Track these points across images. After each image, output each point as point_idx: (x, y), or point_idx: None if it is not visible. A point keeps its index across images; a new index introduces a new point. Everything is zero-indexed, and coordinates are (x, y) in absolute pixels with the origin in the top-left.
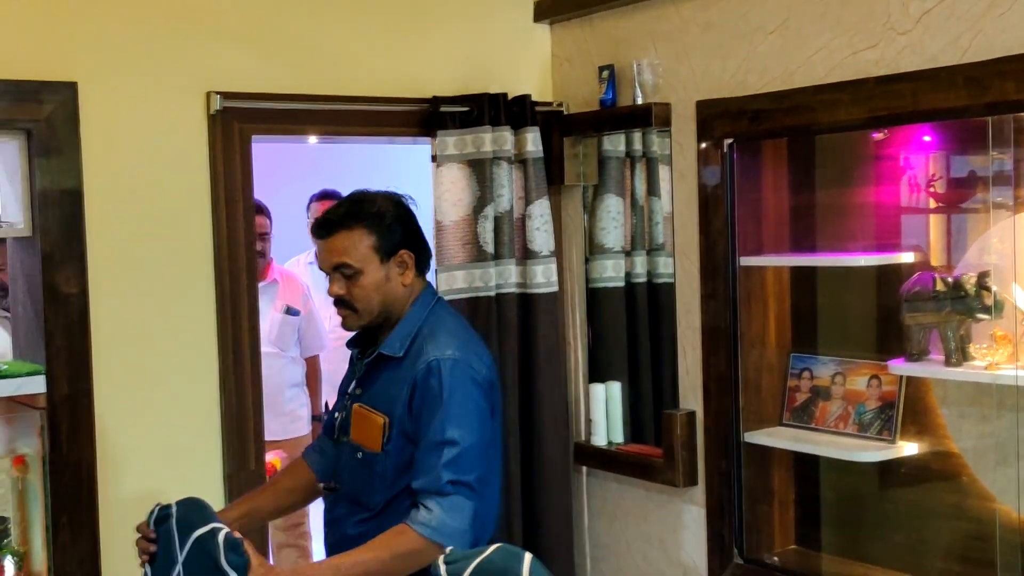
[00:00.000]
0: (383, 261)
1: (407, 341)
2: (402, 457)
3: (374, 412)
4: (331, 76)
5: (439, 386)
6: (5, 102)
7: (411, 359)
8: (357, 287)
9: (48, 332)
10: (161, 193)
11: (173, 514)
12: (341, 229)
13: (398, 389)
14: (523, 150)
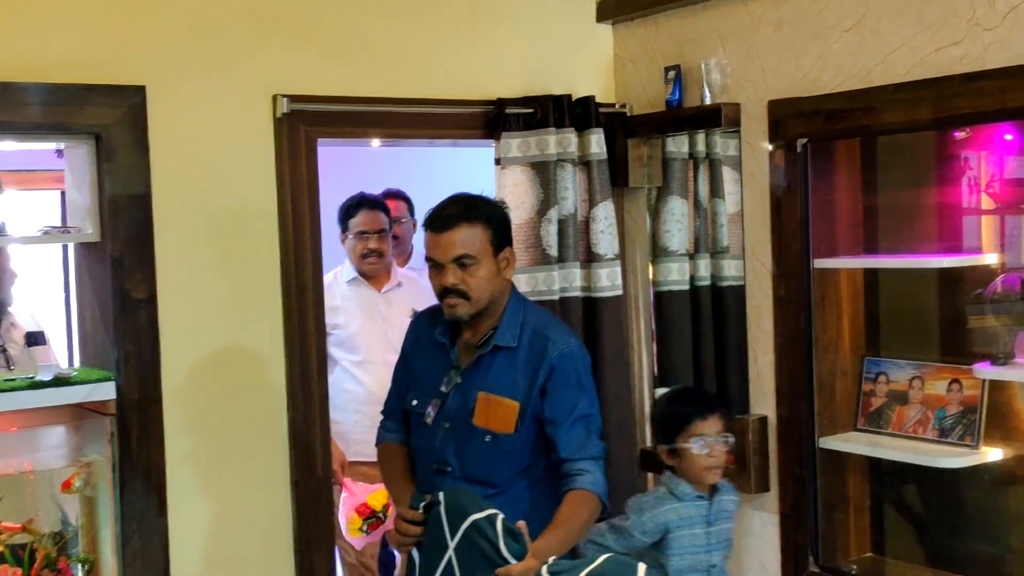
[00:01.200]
0: (495, 255)
1: (516, 332)
2: (529, 437)
3: (505, 398)
4: (395, 78)
5: (575, 369)
6: (75, 106)
7: (529, 347)
8: (474, 277)
9: (118, 338)
10: (228, 197)
11: (441, 501)
12: (463, 223)
13: (519, 375)
14: (587, 152)
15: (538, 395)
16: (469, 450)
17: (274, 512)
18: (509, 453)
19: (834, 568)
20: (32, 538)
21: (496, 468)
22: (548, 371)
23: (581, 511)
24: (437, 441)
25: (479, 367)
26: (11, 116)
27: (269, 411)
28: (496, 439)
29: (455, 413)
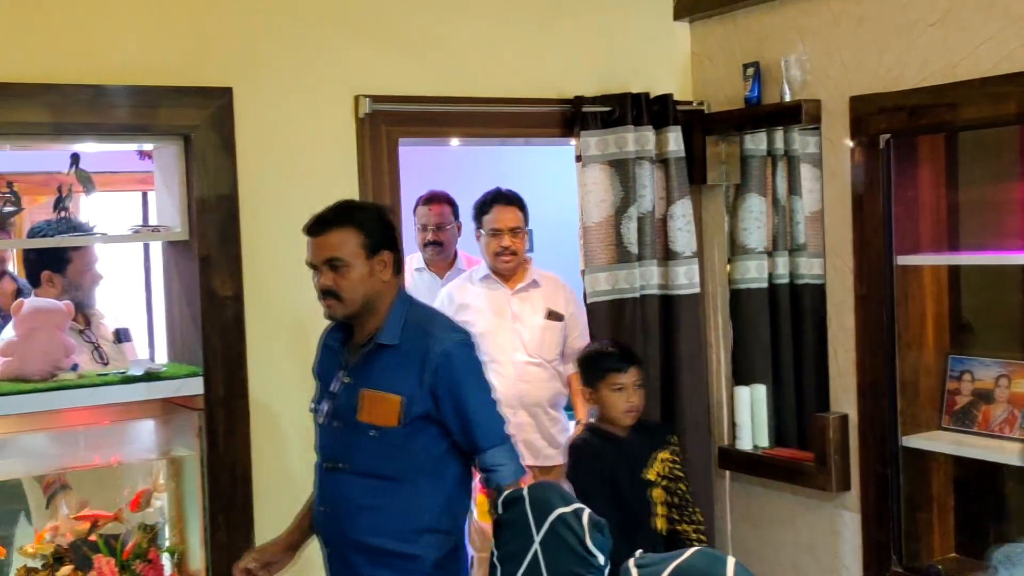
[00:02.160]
0: (368, 258)
1: (399, 330)
2: (417, 429)
3: (387, 393)
4: (474, 78)
5: (461, 362)
6: (164, 108)
7: (413, 344)
8: (345, 279)
9: (205, 334)
10: (311, 196)
11: (525, 497)
12: (335, 227)
13: (403, 371)
14: (664, 150)
15: (428, 392)
16: (358, 446)
17: None
18: (396, 446)
19: (918, 568)
20: (124, 528)
21: (386, 461)
22: (434, 368)
23: None
24: (330, 439)
25: (365, 365)
26: (103, 118)
27: None
28: (381, 433)
29: (344, 411)
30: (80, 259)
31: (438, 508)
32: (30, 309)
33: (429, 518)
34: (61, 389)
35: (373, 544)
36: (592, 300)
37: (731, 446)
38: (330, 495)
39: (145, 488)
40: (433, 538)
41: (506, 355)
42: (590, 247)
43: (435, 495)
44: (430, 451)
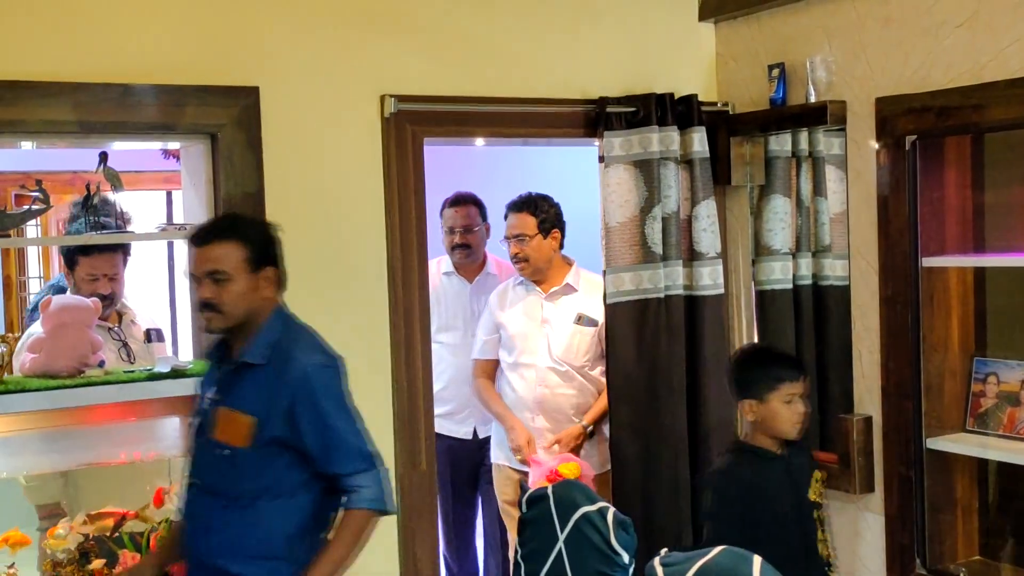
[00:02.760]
0: (251, 272)
1: (267, 350)
2: (270, 453)
3: (241, 413)
4: (498, 78)
5: (321, 385)
6: (192, 106)
7: (277, 366)
8: (227, 292)
9: None
10: (336, 196)
11: (550, 495)
12: (219, 240)
13: (262, 392)
14: (689, 150)
15: (283, 415)
16: (211, 464)
17: None
18: (244, 467)
19: (941, 571)
20: (148, 525)
21: (232, 481)
22: (291, 391)
23: (354, 531)
24: (194, 455)
25: (230, 383)
26: (130, 116)
27: (375, 405)
28: (233, 453)
29: (205, 428)
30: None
31: (285, 536)
32: (57, 306)
33: (274, 545)
34: (88, 385)
35: (216, 565)
36: (614, 300)
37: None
38: (187, 511)
39: (166, 485)
40: (275, 566)
41: (533, 359)
42: (612, 247)
43: (284, 523)
44: (284, 478)
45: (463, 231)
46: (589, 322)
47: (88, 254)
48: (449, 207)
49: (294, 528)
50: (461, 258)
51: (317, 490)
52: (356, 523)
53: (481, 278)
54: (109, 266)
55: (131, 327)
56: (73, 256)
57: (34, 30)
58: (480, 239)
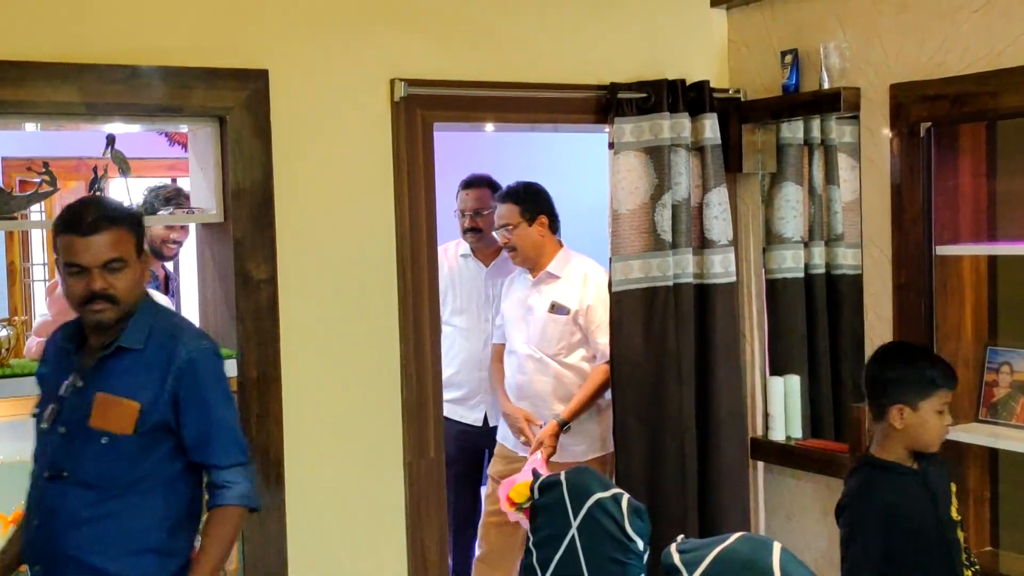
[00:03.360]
0: (138, 259)
1: (144, 334)
2: (153, 439)
3: (124, 398)
4: (509, 63)
5: (208, 373)
6: (200, 89)
7: (157, 350)
8: (121, 281)
9: (239, 317)
10: (345, 180)
11: (563, 482)
12: (111, 227)
13: (146, 377)
14: (700, 137)
15: (169, 400)
16: (85, 453)
17: (387, 492)
18: (127, 455)
19: None
20: None
21: (114, 470)
22: (179, 374)
23: (231, 530)
24: (52, 446)
25: (102, 370)
26: (138, 98)
27: (384, 392)
28: (113, 440)
29: (72, 416)
30: None
31: (166, 528)
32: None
33: (155, 537)
34: None
35: (89, 562)
36: (621, 288)
37: (764, 437)
38: (47, 507)
39: None
40: (156, 559)
41: (515, 346)
42: (620, 235)
43: (165, 514)
44: (163, 467)
45: (473, 214)
46: (561, 310)
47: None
48: (463, 189)
49: (173, 519)
50: (473, 241)
51: (192, 481)
52: (232, 521)
53: (499, 262)
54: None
55: None
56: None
57: (41, 9)
58: (491, 223)
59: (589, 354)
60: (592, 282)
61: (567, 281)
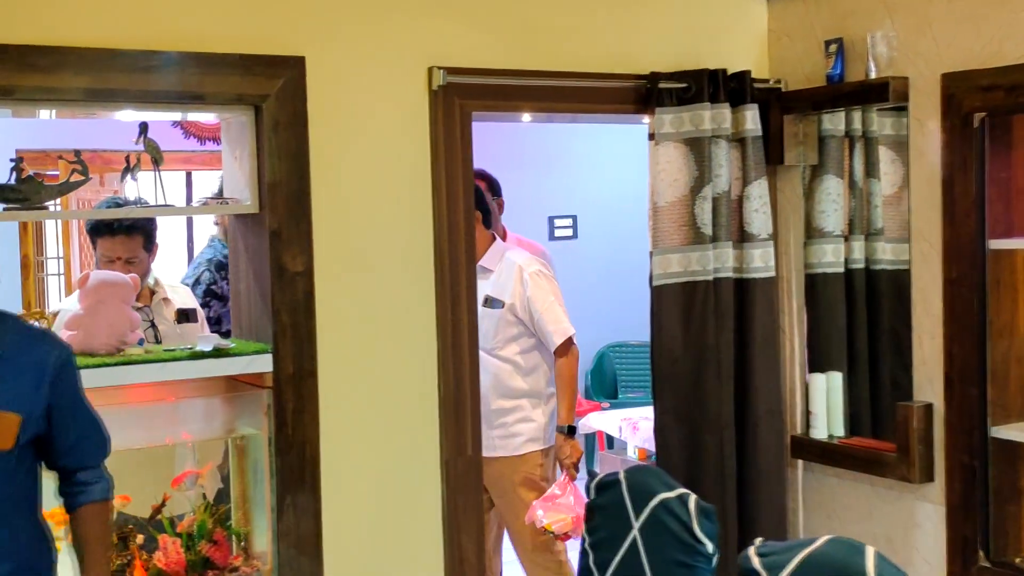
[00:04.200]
0: None
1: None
2: (24, 454)
3: (5, 411)
4: (547, 51)
5: (75, 374)
6: (235, 76)
7: (19, 354)
8: None
9: (275, 311)
10: (383, 170)
11: (622, 480)
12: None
13: (18, 384)
14: (741, 128)
15: (44, 409)
16: None
17: (424, 491)
18: (4, 472)
19: (1007, 563)
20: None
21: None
22: (53, 379)
23: (107, 525)
24: None
25: None
26: (172, 85)
27: (420, 387)
28: None
29: None
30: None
31: (35, 545)
32: (96, 281)
33: (24, 556)
34: (128, 364)
35: None
36: (660, 282)
37: (805, 435)
38: None
39: (192, 470)
40: None
41: None
42: (660, 228)
43: (33, 531)
44: (28, 482)
45: None
46: (495, 303)
47: (101, 235)
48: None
49: (38, 533)
50: None
51: (39, 493)
52: (107, 515)
53: (492, 255)
54: (125, 249)
55: (162, 307)
56: (92, 237)
57: None
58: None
59: (528, 345)
60: (527, 273)
61: (500, 274)
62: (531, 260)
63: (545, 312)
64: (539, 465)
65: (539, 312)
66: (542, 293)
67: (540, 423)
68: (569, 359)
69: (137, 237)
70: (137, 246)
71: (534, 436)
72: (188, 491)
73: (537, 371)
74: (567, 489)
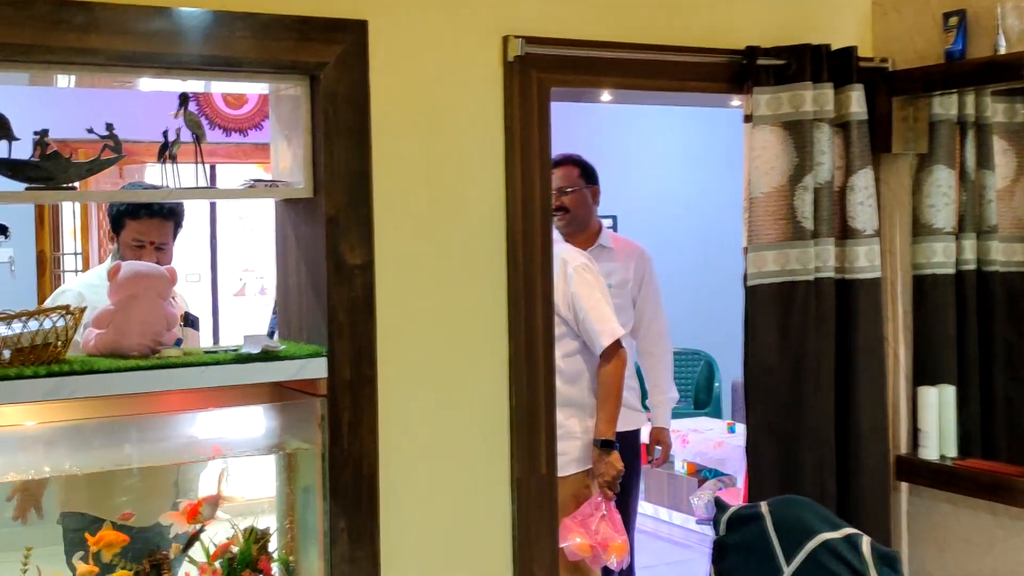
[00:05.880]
0: None
1: None
2: None
3: None
4: (631, 20)
5: None
6: (290, 41)
7: None
8: None
9: (331, 308)
10: (451, 151)
11: (765, 514)
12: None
13: None
14: (845, 111)
15: None
16: None
17: (493, 514)
18: None
19: None
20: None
21: None
22: None
23: None
24: None
25: None
26: (218, 49)
27: (489, 397)
28: None
29: None
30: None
31: None
32: (128, 273)
33: None
34: (165, 367)
35: None
36: (754, 282)
37: (912, 455)
38: None
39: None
40: None
41: None
42: (755, 221)
43: None
44: None
45: (558, 192)
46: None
47: (137, 217)
48: (554, 167)
49: None
50: (561, 225)
51: None
52: None
53: (594, 250)
54: (159, 232)
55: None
56: (121, 219)
57: None
58: (581, 202)
59: (571, 348)
60: (571, 267)
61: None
62: (576, 254)
63: (592, 310)
64: (586, 487)
65: (585, 310)
66: (588, 289)
67: (585, 441)
68: (616, 364)
69: (170, 222)
70: (169, 232)
71: (579, 456)
72: (207, 520)
73: (581, 378)
74: (600, 509)
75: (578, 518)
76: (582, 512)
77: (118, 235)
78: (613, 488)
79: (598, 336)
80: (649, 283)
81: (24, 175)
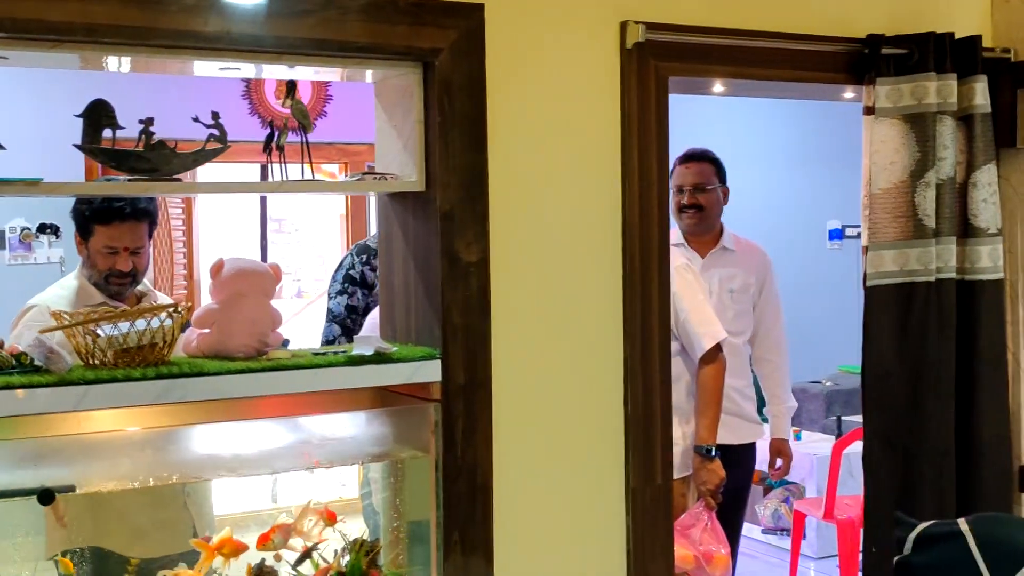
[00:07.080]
0: None
1: None
2: None
3: None
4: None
5: None
6: (404, 25)
7: None
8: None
9: (445, 308)
10: (565, 144)
11: (965, 532)
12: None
13: None
14: (968, 104)
15: None
16: None
17: (607, 525)
18: None
19: None
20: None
21: None
22: None
23: None
24: None
25: None
26: (330, 33)
27: (604, 402)
28: None
29: None
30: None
31: None
32: (233, 271)
33: None
34: (277, 370)
35: None
36: (873, 283)
37: None
38: None
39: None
40: None
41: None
42: (876, 219)
43: None
44: None
45: (693, 189)
46: None
47: (107, 222)
48: (679, 164)
49: None
50: (691, 224)
51: None
52: None
53: (716, 252)
54: (133, 236)
55: None
56: (88, 224)
57: None
58: (715, 201)
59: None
60: (672, 267)
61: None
62: (678, 254)
63: (693, 311)
64: (682, 495)
65: (686, 311)
66: (690, 290)
67: (683, 447)
68: (716, 367)
69: (144, 223)
70: (144, 233)
71: (676, 463)
72: (278, 550)
73: (679, 382)
74: (702, 519)
75: (679, 528)
76: (684, 522)
77: (86, 241)
78: (715, 497)
79: (699, 339)
80: (770, 288)
81: (128, 166)
